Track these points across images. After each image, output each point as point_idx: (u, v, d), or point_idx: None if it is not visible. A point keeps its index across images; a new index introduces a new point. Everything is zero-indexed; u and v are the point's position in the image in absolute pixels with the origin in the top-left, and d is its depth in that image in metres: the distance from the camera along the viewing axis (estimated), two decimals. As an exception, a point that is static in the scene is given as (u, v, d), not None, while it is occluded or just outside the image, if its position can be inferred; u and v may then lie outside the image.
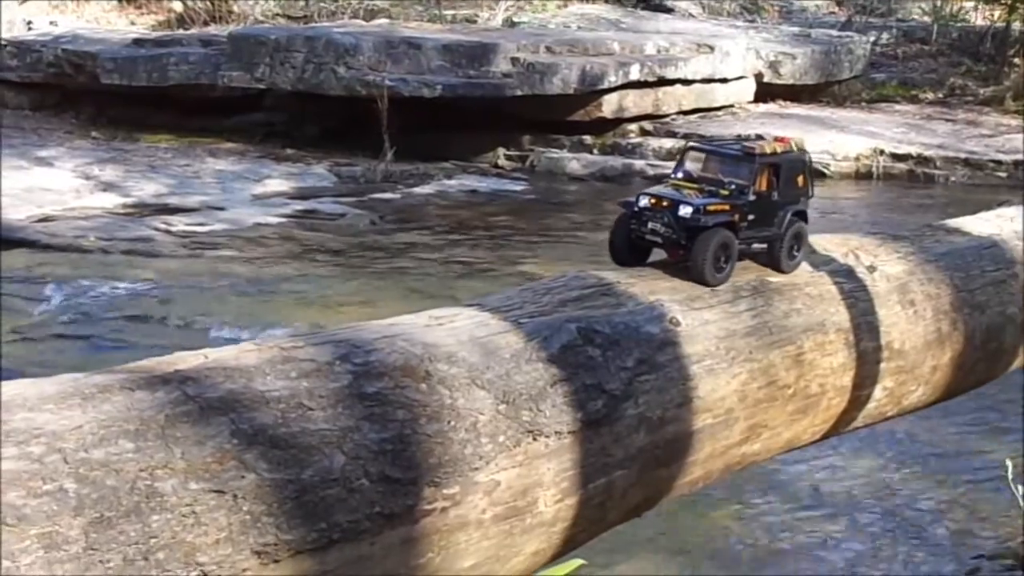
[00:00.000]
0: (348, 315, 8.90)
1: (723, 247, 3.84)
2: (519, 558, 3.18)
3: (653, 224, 3.86)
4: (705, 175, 4.01)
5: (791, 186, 4.06)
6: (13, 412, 2.40)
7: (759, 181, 3.94)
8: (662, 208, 3.87)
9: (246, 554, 2.49)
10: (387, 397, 2.87)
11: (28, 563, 2.22)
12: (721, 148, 4.07)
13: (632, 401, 3.42)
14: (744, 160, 3.96)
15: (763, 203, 3.96)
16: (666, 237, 3.86)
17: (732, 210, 3.88)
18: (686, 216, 3.82)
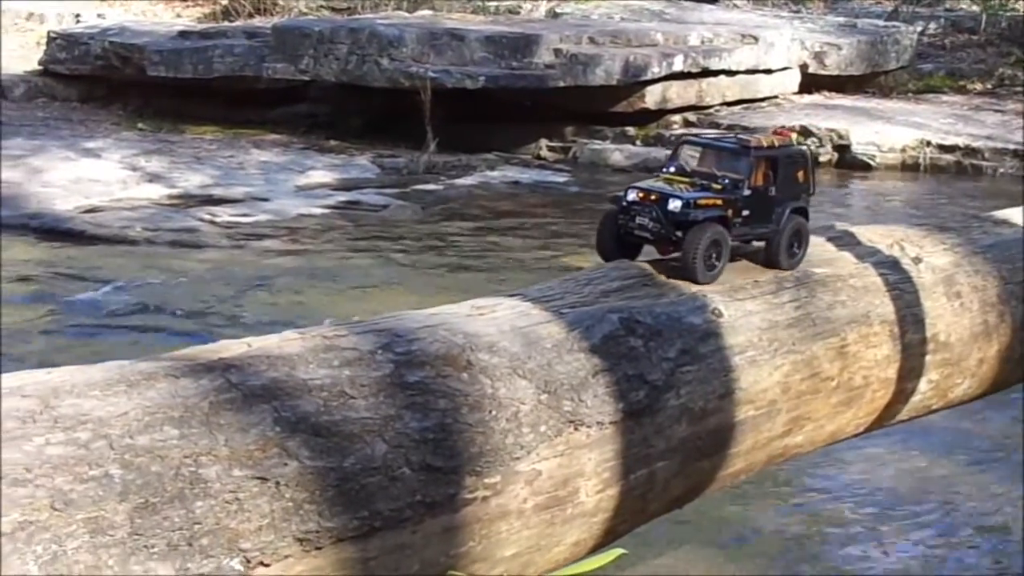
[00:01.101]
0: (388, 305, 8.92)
1: (715, 243, 3.67)
2: (560, 548, 3.18)
3: (641, 219, 3.72)
4: (700, 169, 3.87)
5: (791, 182, 3.92)
6: (61, 398, 2.43)
7: (755, 175, 3.81)
8: (651, 202, 3.72)
9: (288, 541, 2.51)
10: (428, 386, 2.87)
11: (74, 547, 2.24)
12: (716, 141, 3.96)
13: (674, 392, 3.41)
14: (739, 154, 3.84)
15: (759, 198, 3.82)
16: (655, 232, 3.71)
17: (724, 205, 3.73)
18: (675, 210, 3.67)
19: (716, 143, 3.94)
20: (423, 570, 2.77)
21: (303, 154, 15.62)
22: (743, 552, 6.03)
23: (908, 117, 17.32)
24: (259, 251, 11.48)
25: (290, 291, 10.14)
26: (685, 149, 3.95)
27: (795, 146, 3.99)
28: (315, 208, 13.17)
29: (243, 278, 10.49)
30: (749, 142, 3.84)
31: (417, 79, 15.44)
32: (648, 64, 16.02)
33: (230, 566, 2.41)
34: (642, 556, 5.35)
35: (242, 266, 10.88)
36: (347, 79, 16.27)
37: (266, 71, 16.73)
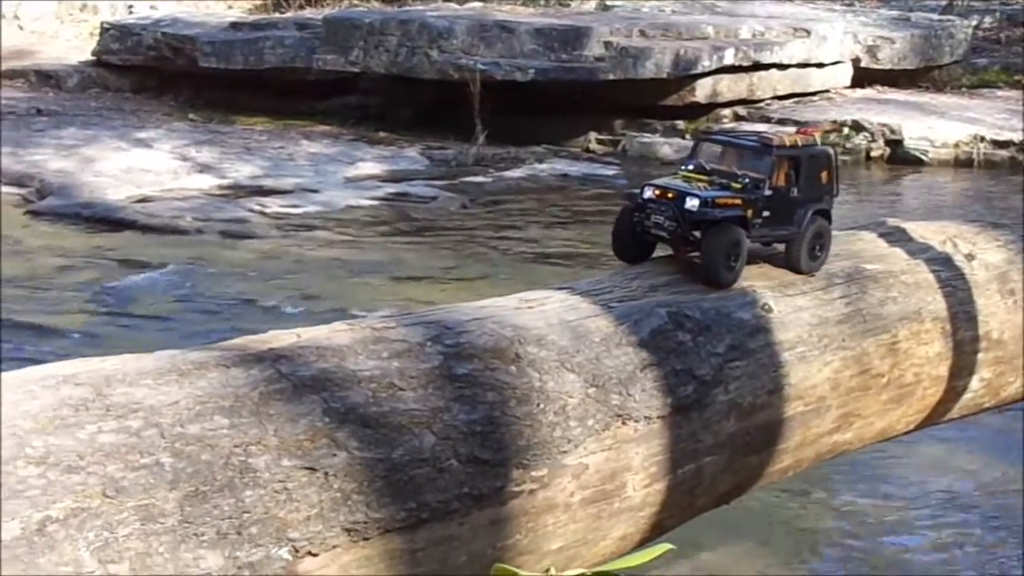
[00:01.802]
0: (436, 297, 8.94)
1: (734, 244, 3.56)
2: (606, 542, 3.18)
3: (657, 217, 3.59)
4: (720, 168, 3.74)
5: (813, 182, 3.78)
6: (113, 387, 2.45)
7: (776, 175, 3.67)
8: (667, 200, 3.59)
9: (336, 531, 2.52)
10: (477, 379, 2.88)
11: (125, 534, 2.26)
12: (736, 139, 3.83)
13: (722, 387, 3.40)
14: (761, 152, 3.70)
15: (780, 199, 3.68)
16: (671, 231, 3.58)
17: (744, 205, 3.59)
18: (692, 209, 3.54)
19: (737, 141, 3.81)
20: (470, 562, 2.77)
21: (352, 146, 15.67)
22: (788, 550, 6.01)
23: (962, 112, 17.19)
24: (308, 242, 11.52)
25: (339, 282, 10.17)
26: (705, 146, 3.83)
27: (819, 145, 3.85)
28: (364, 200, 13.21)
29: (292, 268, 10.54)
30: (771, 140, 3.71)
31: (467, 71, 15.46)
32: (699, 57, 15.97)
33: (278, 555, 2.43)
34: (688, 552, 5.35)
35: (291, 256, 10.93)
36: (397, 71, 16.30)
37: (316, 63, 16.79)
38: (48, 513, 2.21)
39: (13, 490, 2.21)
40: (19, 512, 2.19)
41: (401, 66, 16.21)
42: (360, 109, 17.42)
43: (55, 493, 2.24)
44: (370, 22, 16.48)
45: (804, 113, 16.60)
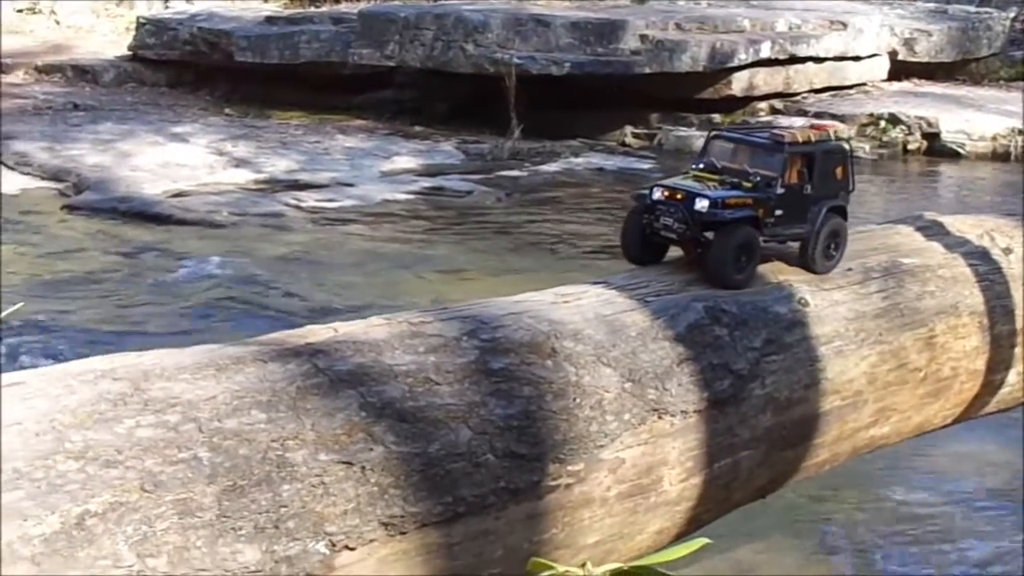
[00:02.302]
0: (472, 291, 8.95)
1: (744, 246, 3.50)
2: (642, 536, 3.18)
3: (666, 219, 3.53)
4: (731, 166, 3.64)
5: (828, 179, 3.72)
6: (152, 381, 2.46)
7: (789, 172, 3.59)
8: (676, 201, 3.53)
9: (373, 525, 2.53)
10: (513, 373, 2.89)
11: (163, 528, 2.27)
12: (747, 136, 3.75)
13: (759, 381, 3.40)
14: (772, 149, 3.61)
15: (793, 197, 3.60)
16: (680, 233, 3.52)
17: (755, 204, 3.54)
18: (702, 210, 3.48)
19: (748, 138, 3.73)
20: (506, 556, 2.78)
21: (388, 140, 15.69)
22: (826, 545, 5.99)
23: (999, 105, 17.07)
24: (344, 236, 11.55)
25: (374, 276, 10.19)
26: (717, 144, 3.75)
27: (833, 141, 3.78)
28: (400, 194, 13.22)
29: (328, 263, 10.57)
30: (783, 137, 3.65)
31: (502, 65, 15.45)
32: (735, 50, 15.92)
33: (315, 549, 2.44)
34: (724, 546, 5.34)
35: (327, 251, 10.96)
36: (432, 65, 16.30)
37: (352, 57, 16.81)
38: (87, 507, 2.23)
39: (53, 484, 2.23)
40: (58, 506, 2.20)
41: (437, 60, 16.22)
42: (396, 103, 17.43)
43: (94, 487, 2.25)
44: (406, 16, 16.49)
45: (841, 106, 16.52)
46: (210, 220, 11.88)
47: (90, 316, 9.08)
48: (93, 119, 15.97)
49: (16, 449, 2.25)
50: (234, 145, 14.91)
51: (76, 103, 16.93)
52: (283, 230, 11.70)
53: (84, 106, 16.79)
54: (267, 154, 14.57)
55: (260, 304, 9.48)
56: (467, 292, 9.04)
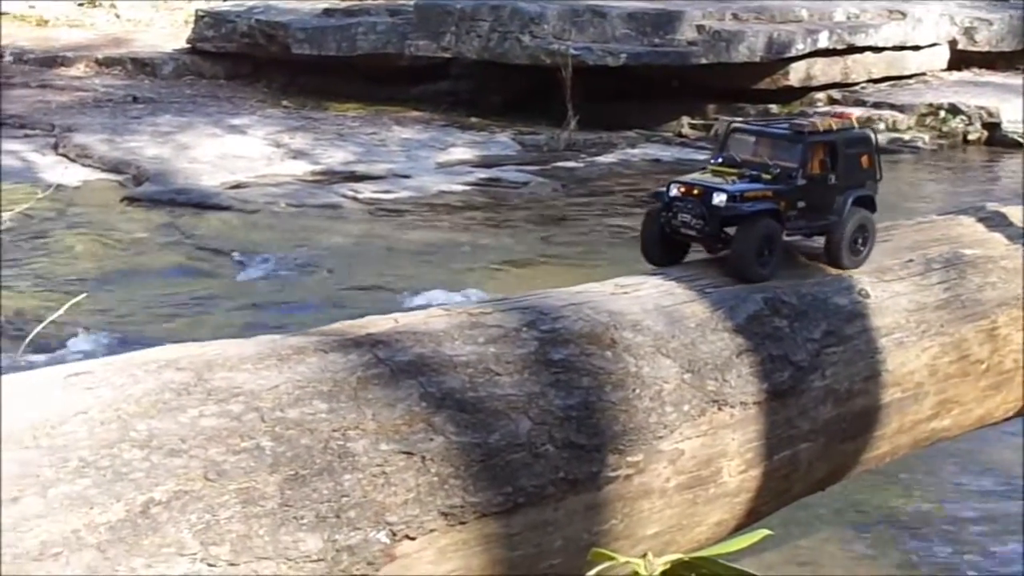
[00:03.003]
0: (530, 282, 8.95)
1: (766, 239, 3.40)
2: (701, 528, 3.18)
3: (684, 216, 3.45)
4: (752, 159, 3.55)
5: (853, 168, 3.61)
6: (214, 371, 2.49)
7: (811, 163, 3.50)
8: (694, 197, 3.44)
9: (433, 515, 2.54)
10: (573, 364, 2.89)
11: (227, 517, 2.29)
12: (766, 127, 3.67)
13: (819, 373, 3.39)
14: (793, 140, 3.52)
15: (816, 188, 3.52)
16: (699, 229, 3.44)
17: (776, 196, 3.45)
18: (720, 205, 3.39)
19: (766, 130, 3.65)
20: (565, 547, 2.79)
21: (444, 131, 15.71)
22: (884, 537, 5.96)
23: (1061, 94, 16.88)
24: (401, 227, 11.58)
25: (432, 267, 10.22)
26: (736, 137, 3.66)
27: (857, 129, 3.70)
28: (456, 185, 13.24)
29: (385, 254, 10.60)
30: (803, 127, 3.57)
31: (558, 56, 15.43)
32: (792, 40, 15.83)
33: (376, 539, 2.45)
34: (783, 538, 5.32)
35: (384, 242, 11.00)
36: (488, 56, 16.31)
37: (408, 48, 16.84)
38: (152, 495, 2.25)
39: (118, 473, 2.25)
40: (124, 494, 2.23)
41: (493, 51, 16.22)
42: (452, 95, 17.45)
43: (158, 476, 2.28)
44: (462, 8, 16.50)
45: (900, 96, 16.40)
46: (268, 211, 11.95)
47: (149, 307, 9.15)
48: (152, 111, 16.09)
49: (82, 438, 2.28)
50: (291, 137, 14.98)
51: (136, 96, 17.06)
52: (340, 221, 11.75)
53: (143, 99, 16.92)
54: (324, 146, 14.63)
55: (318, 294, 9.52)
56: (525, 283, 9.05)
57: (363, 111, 16.72)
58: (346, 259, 10.46)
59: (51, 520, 2.15)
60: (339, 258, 10.48)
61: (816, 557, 5.63)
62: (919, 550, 5.87)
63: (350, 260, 10.42)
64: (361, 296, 9.35)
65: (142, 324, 8.74)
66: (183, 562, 2.23)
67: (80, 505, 2.19)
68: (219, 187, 12.69)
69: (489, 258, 10.54)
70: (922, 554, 5.84)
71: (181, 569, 2.22)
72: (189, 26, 19.57)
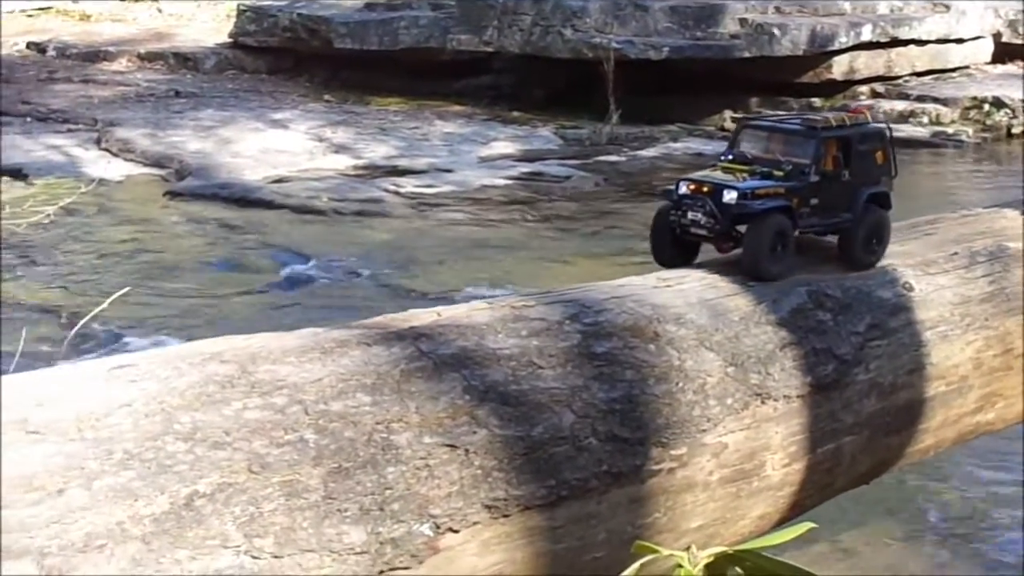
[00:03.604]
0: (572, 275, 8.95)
1: (778, 236, 3.30)
2: (744, 521, 3.17)
3: (694, 214, 3.36)
4: (764, 156, 3.46)
5: (867, 164, 3.51)
6: (258, 364, 2.49)
7: (824, 159, 3.42)
8: (703, 194, 3.36)
9: (477, 508, 2.54)
10: (616, 357, 2.88)
11: (270, 509, 2.29)
12: (778, 123, 3.58)
13: (863, 367, 3.37)
14: (805, 135, 3.44)
15: (830, 184, 3.43)
16: (710, 228, 3.35)
17: (788, 193, 3.36)
18: (731, 202, 3.30)
19: (778, 125, 3.56)
20: (609, 540, 2.78)
21: (486, 125, 15.73)
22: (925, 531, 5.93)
23: (1107, 87, 16.75)
24: (443, 222, 11.60)
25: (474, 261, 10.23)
26: (747, 134, 3.57)
27: (871, 124, 3.60)
28: (498, 179, 13.25)
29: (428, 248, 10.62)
30: (815, 122, 3.48)
31: (600, 50, 15.42)
32: (835, 33, 15.76)
33: (420, 531, 2.45)
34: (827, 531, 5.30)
35: (426, 236, 11.02)
36: (531, 50, 16.31)
37: (450, 42, 16.86)
38: (196, 488, 2.26)
39: (162, 465, 2.26)
40: (168, 486, 2.24)
41: (535, 45, 16.22)
42: (494, 89, 17.46)
43: (202, 468, 2.28)
44: (504, 2, 16.50)
45: (943, 89, 16.31)
46: (310, 206, 11.98)
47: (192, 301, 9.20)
48: (195, 106, 16.17)
49: (126, 430, 2.28)
50: (333, 131, 15.02)
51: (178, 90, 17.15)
52: (382, 215, 11.77)
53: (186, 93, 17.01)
54: (366, 140, 14.67)
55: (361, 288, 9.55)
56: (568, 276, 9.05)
57: (405, 105, 16.75)
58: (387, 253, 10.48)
59: (95, 512, 2.16)
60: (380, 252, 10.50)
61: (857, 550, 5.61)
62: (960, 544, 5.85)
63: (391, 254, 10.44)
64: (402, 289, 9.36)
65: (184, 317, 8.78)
66: (227, 554, 2.24)
67: (124, 497, 2.20)
68: (261, 181, 12.74)
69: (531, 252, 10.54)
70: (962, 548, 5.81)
71: (225, 561, 2.23)
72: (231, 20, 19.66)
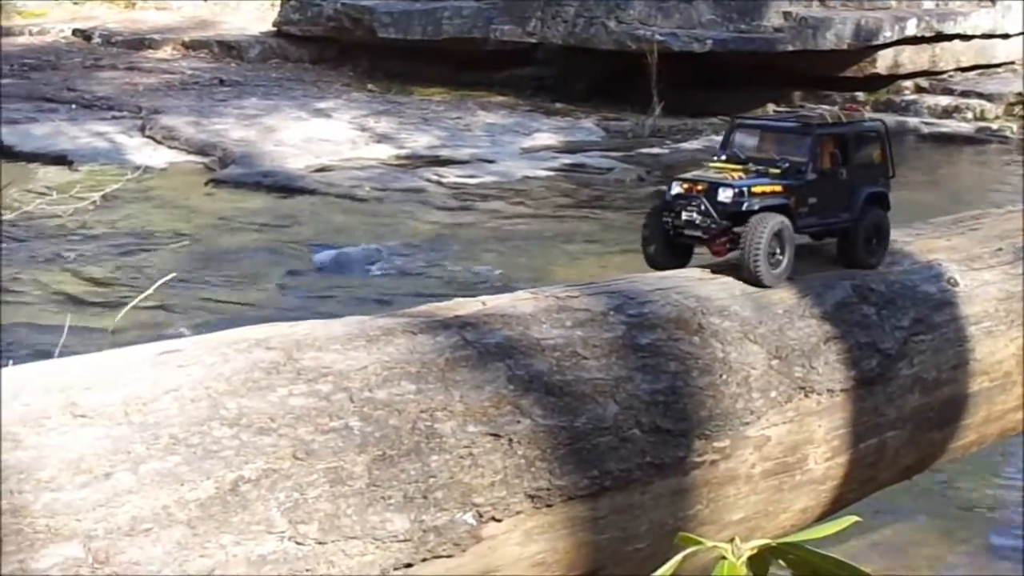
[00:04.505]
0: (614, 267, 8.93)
1: (777, 236, 3.16)
2: (786, 515, 3.16)
3: (688, 214, 3.22)
4: (759, 155, 3.35)
5: (865, 163, 3.43)
6: (304, 351, 2.50)
7: (820, 157, 3.32)
8: (697, 193, 3.23)
9: (520, 497, 2.54)
10: (660, 348, 2.89)
11: (315, 496, 2.31)
12: (772, 121, 3.53)
13: (907, 361, 3.37)
14: (801, 133, 3.34)
15: (828, 183, 3.33)
16: (704, 228, 3.21)
17: (786, 191, 3.25)
18: (726, 200, 3.18)
19: (772, 123, 3.51)
20: (651, 531, 2.78)
21: (529, 116, 15.72)
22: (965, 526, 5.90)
23: None
24: (485, 212, 11.60)
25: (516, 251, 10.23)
26: (740, 133, 3.45)
27: (867, 121, 3.53)
28: (540, 170, 13.24)
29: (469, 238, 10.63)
30: (811, 119, 3.40)
31: (644, 42, 15.38)
32: (880, 28, 15.68)
33: (463, 520, 2.46)
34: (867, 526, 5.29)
35: (468, 227, 11.02)
36: (574, 41, 16.29)
37: (494, 33, 16.86)
38: (241, 473, 2.27)
39: (208, 450, 2.27)
40: (214, 472, 2.25)
41: (578, 36, 16.20)
42: (536, 80, 17.45)
43: (247, 454, 2.29)
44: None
45: (988, 85, 16.20)
46: (352, 195, 12.01)
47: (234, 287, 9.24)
48: (238, 94, 16.23)
49: (173, 415, 2.30)
50: (376, 121, 15.05)
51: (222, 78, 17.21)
52: (424, 205, 11.79)
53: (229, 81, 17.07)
54: (409, 130, 14.68)
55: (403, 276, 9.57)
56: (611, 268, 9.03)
57: (448, 95, 16.76)
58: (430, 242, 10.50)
59: (142, 496, 2.18)
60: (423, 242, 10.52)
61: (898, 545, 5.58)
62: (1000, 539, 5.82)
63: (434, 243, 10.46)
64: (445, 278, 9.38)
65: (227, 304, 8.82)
66: (271, 540, 2.25)
67: (170, 482, 2.21)
68: (304, 170, 12.78)
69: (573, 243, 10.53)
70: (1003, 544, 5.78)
71: (269, 546, 2.24)
72: (275, 9, 19.69)
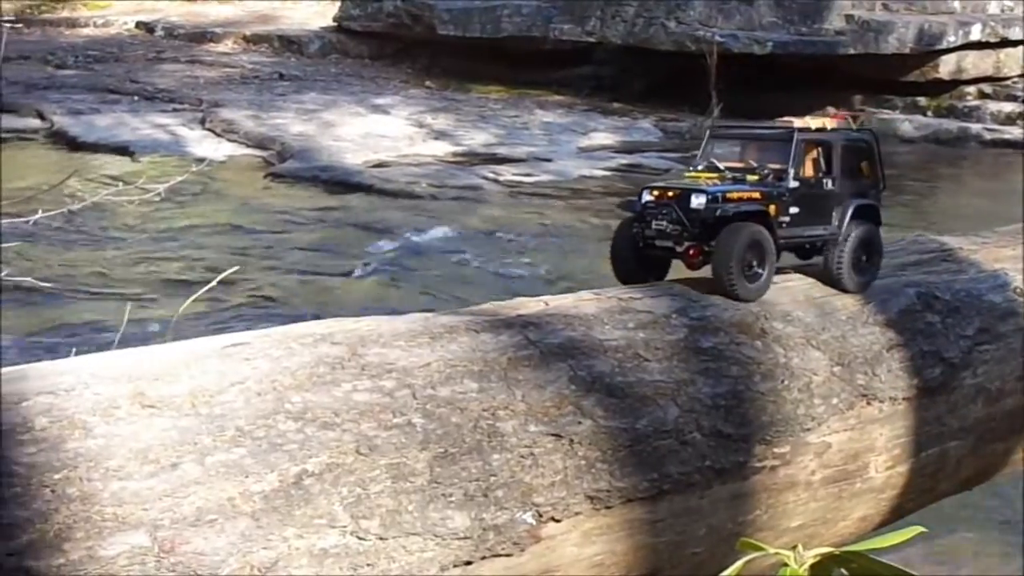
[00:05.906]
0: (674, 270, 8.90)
1: (753, 246, 2.96)
2: (845, 522, 3.14)
3: (659, 223, 3.01)
4: (738, 165, 3.19)
5: (852, 173, 3.24)
6: (368, 347, 2.51)
7: (802, 163, 3.13)
8: (669, 200, 3.01)
9: (580, 498, 2.54)
10: (722, 352, 2.87)
11: (377, 491, 2.31)
12: (751, 128, 3.34)
13: (970, 371, 3.33)
14: (781, 138, 3.16)
15: (810, 193, 3.13)
16: (676, 237, 3.00)
17: (763, 199, 3.04)
18: (699, 207, 2.96)
19: (752, 130, 3.33)
20: (709, 535, 2.77)
21: (586, 116, 15.72)
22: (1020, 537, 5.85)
23: None
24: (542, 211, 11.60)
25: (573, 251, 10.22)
26: (718, 142, 3.28)
27: (855, 130, 3.36)
28: (597, 170, 13.24)
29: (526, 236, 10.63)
30: (791, 123, 3.21)
31: (703, 43, 15.35)
32: (943, 32, 15.57)
33: (523, 519, 2.46)
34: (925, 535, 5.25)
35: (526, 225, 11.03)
36: (633, 41, 16.28)
37: (553, 32, 16.86)
38: (305, 467, 2.28)
39: (273, 443, 2.29)
40: (278, 465, 2.26)
41: (637, 36, 16.18)
42: (594, 79, 17.45)
43: (312, 448, 2.30)
44: (607, -8, 16.48)
45: (1052, 91, 16.06)
46: (409, 191, 12.05)
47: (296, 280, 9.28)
48: (298, 89, 16.32)
49: (239, 407, 2.31)
50: (434, 118, 15.09)
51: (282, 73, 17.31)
52: (481, 203, 11.81)
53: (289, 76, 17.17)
54: (466, 127, 14.72)
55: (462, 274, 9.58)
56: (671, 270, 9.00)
57: (505, 94, 16.78)
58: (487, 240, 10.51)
59: (207, 487, 2.19)
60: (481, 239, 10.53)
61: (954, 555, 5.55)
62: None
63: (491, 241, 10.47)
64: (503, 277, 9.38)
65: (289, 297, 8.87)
66: (333, 534, 2.26)
67: (236, 473, 2.22)
68: (361, 166, 12.83)
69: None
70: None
71: (332, 540, 2.25)
72: (336, 4, 19.78)
